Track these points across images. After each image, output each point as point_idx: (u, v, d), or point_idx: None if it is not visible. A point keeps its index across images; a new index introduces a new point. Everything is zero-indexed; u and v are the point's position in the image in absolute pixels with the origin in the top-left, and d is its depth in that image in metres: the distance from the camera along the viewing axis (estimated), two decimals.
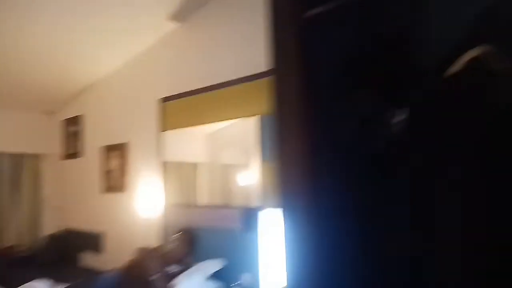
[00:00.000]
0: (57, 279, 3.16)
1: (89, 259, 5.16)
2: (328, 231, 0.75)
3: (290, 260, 0.83)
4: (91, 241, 5.09)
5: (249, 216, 3.22)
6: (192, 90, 3.89)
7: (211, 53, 3.85)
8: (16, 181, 5.59)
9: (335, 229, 0.75)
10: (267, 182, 3.28)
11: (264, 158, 3.30)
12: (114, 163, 4.78)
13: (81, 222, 5.34)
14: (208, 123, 3.76)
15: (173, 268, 3.36)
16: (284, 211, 0.81)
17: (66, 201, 5.70)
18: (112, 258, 4.53)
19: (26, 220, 5.63)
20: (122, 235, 4.59)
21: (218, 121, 3.69)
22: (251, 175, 3.46)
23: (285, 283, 2.56)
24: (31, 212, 5.68)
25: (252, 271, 3.19)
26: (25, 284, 2.84)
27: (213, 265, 3.35)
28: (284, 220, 0.82)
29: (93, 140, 5.25)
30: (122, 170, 4.65)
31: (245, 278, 3.23)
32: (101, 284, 3.02)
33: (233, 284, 3.25)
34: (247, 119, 3.43)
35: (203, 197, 3.92)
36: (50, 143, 5.88)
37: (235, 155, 3.80)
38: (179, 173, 4.15)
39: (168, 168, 4.12)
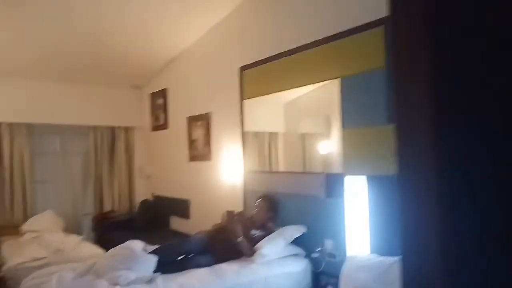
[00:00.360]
0: (149, 241, 3.40)
1: (177, 224, 5.51)
2: (459, 198, 0.65)
3: (406, 229, 0.75)
4: (178, 207, 5.41)
5: (332, 182, 3.15)
6: (269, 57, 3.84)
7: (288, 17, 3.75)
8: (112, 153, 6.10)
9: (469, 196, 0.65)
10: (348, 149, 3.15)
11: (345, 124, 3.17)
12: (198, 133, 4.97)
13: (170, 190, 5.69)
14: (287, 89, 3.70)
15: (256, 233, 3.43)
16: (401, 175, 0.73)
17: (156, 170, 6.09)
18: (198, 223, 4.78)
19: (121, 188, 6.15)
20: (206, 201, 4.80)
21: (297, 86, 3.60)
22: (331, 143, 3.37)
23: (368, 251, 2.47)
24: (125, 181, 6.19)
25: (334, 238, 3.14)
26: (122, 244, 3.09)
27: (294, 231, 3.36)
28: (400, 185, 0.74)
29: (178, 111, 5.49)
30: (206, 139, 4.82)
31: (327, 244, 3.19)
32: (191, 245, 3.19)
33: (316, 250, 3.24)
34: (327, 85, 3.30)
35: (283, 165, 3.92)
36: (140, 116, 6.30)
37: (314, 123, 3.72)
38: (258, 142, 4.19)
39: (248, 137, 4.17)
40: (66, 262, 3.34)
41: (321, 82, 3.37)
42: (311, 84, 3.47)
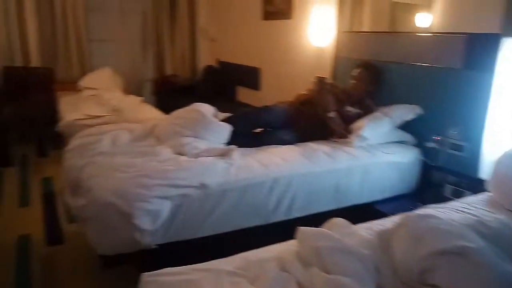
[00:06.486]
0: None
1: (244, 95, 4.89)
2: None
3: None
4: (247, 76, 4.72)
5: (477, 47, 2.21)
6: None
7: None
8: (173, 10, 5.30)
9: None
10: None
11: None
12: None
13: (237, 55, 4.94)
14: None
15: (351, 109, 2.69)
16: None
17: (222, 31, 5.29)
18: (270, 96, 4.11)
19: (183, 51, 5.49)
20: (282, 70, 4.03)
21: None
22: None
23: None
24: (187, 43, 5.49)
25: (463, 125, 2.33)
26: (189, 106, 2.50)
27: (405, 112, 2.57)
28: None
29: None
30: None
31: (450, 132, 2.40)
32: (271, 116, 2.53)
33: (433, 139, 2.47)
34: None
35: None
36: None
37: None
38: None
39: None
40: (123, 122, 2.87)
41: None
42: None
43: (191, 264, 1.15)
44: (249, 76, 4.65)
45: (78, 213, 1.88)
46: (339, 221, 1.18)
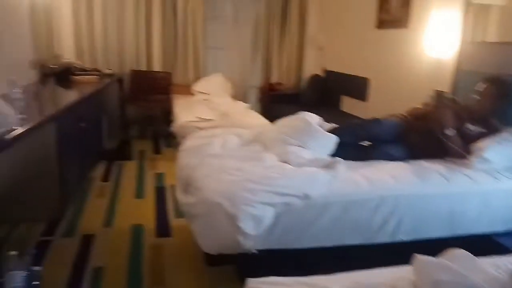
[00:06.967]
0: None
1: (349, 106, 4.77)
2: None
3: None
4: (354, 86, 4.60)
5: None
6: None
7: None
8: (284, 18, 5.41)
9: None
10: None
11: None
12: None
13: (345, 65, 4.84)
14: None
15: (473, 128, 2.43)
16: None
17: (331, 40, 5.23)
18: (377, 107, 3.94)
19: (291, 59, 5.56)
20: (392, 81, 3.84)
21: None
22: None
23: None
24: (295, 51, 5.54)
25: None
26: (295, 115, 2.50)
27: None
28: None
29: None
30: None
31: None
32: (381, 129, 2.41)
33: None
34: None
35: None
36: None
37: None
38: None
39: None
40: (231, 127, 2.99)
41: None
42: None
43: (287, 273, 1.14)
44: (356, 86, 4.52)
45: (187, 210, 2.00)
46: (460, 252, 1.06)
